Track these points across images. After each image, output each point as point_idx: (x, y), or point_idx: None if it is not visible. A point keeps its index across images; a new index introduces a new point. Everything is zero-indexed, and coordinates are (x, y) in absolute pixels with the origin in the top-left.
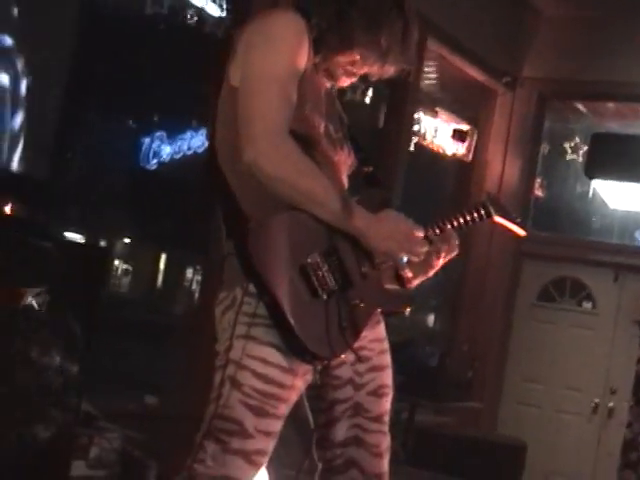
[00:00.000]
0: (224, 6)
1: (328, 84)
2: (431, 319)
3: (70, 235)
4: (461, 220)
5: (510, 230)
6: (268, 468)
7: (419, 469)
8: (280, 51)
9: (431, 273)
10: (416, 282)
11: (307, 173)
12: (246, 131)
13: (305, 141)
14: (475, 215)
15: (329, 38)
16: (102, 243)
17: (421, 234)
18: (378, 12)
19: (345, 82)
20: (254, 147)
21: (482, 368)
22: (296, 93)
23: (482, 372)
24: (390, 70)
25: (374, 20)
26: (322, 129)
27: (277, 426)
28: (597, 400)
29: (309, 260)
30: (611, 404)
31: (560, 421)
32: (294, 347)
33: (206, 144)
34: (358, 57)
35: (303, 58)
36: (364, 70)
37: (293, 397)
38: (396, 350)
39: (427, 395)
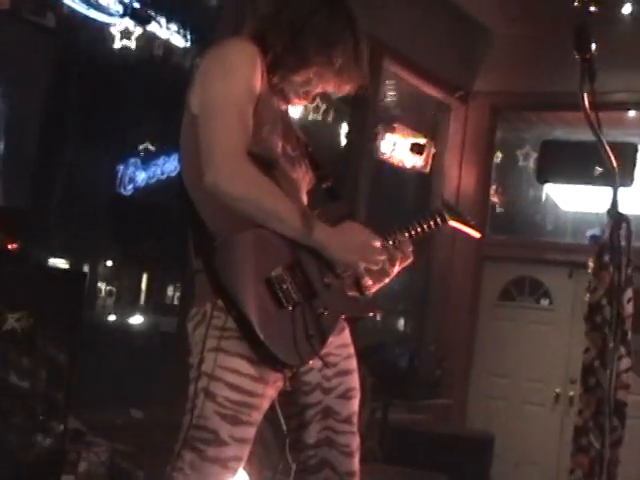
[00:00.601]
0: (188, 37)
1: (284, 106)
2: (401, 323)
3: (55, 261)
4: (418, 227)
5: (465, 233)
6: (249, 470)
7: (395, 466)
8: (235, 78)
9: (387, 280)
10: (374, 289)
11: (267, 192)
12: (207, 155)
13: (264, 161)
14: (431, 221)
15: (285, 59)
16: (85, 267)
17: (379, 243)
18: (331, 33)
19: (300, 103)
20: (215, 170)
21: (450, 366)
22: (252, 117)
23: (450, 370)
24: (345, 87)
25: (327, 40)
26: (280, 149)
27: (251, 433)
28: (558, 390)
29: (273, 274)
30: (571, 393)
31: (525, 412)
32: (264, 357)
33: (178, 168)
34: (313, 76)
35: (257, 83)
36: (319, 89)
37: (265, 404)
38: (368, 354)
39: (399, 395)
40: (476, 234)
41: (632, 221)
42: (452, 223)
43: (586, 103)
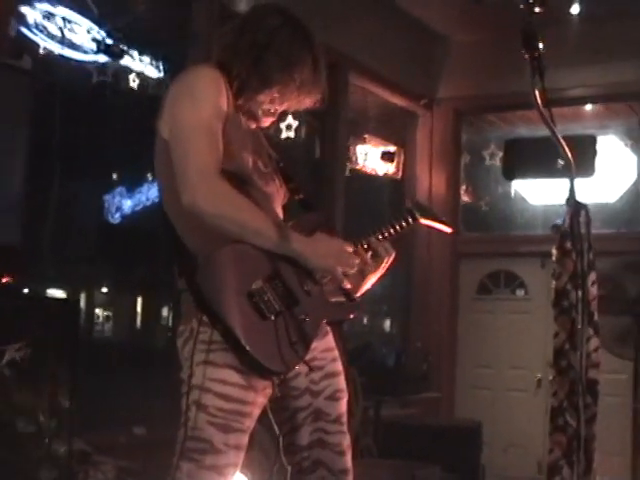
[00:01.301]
0: (161, 67)
1: (254, 126)
2: (387, 323)
3: (51, 292)
4: (391, 229)
5: (437, 229)
6: (250, 475)
7: (390, 460)
8: (202, 101)
9: (371, 282)
10: (359, 292)
11: (242, 207)
12: (181, 176)
13: (237, 178)
14: (403, 222)
15: (250, 82)
16: (82, 295)
17: (351, 248)
18: (291, 53)
19: (266, 122)
20: (190, 190)
21: (435, 361)
22: (222, 136)
23: (436, 364)
24: (306, 101)
25: (288, 60)
26: (251, 165)
27: (244, 440)
28: (539, 375)
29: (254, 287)
30: (551, 377)
31: (510, 398)
32: (251, 366)
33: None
34: (276, 94)
35: (224, 105)
36: (283, 107)
37: (256, 412)
38: (356, 355)
39: (389, 392)
40: (447, 229)
41: (595, 209)
42: (423, 221)
43: (538, 100)
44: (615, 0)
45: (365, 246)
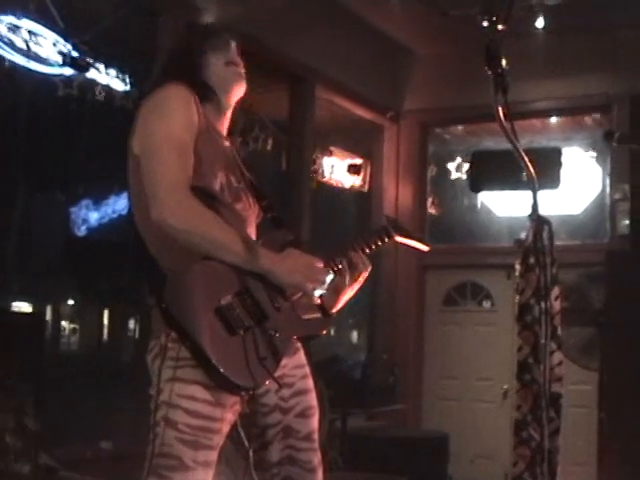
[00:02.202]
0: (127, 80)
1: (226, 143)
2: (353, 335)
3: (17, 305)
4: (365, 246)
5: (412, 247)
6: None
7: (357, 472)
8: (172, 119)
9: (346, 297)
10: (336, 308)
11: (210, 223)
12: (150, 192)
13: (207, 194)
14: (378, 239)
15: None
16: (48, 308)
17: (321, 264)
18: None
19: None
20: (159, 205)
21: (402, 373)
22: (193, 153)
23: (402, 376)
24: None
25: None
26: (223, 181)
27: (213, 456)
28: (506, 386)
29: (223, 302)
30: (515, 390)
31: (477, 409)
32: (219, 382)
33: (128, 206)
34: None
35: (194, 122)
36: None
37: (225, 428)
38: (323, 367)
39: (356, 404)
40: (424, 247)
41: (561, 221)
42: (398, 239)
43: (501, 116)
44: (579, 14)
45: (342, 262)
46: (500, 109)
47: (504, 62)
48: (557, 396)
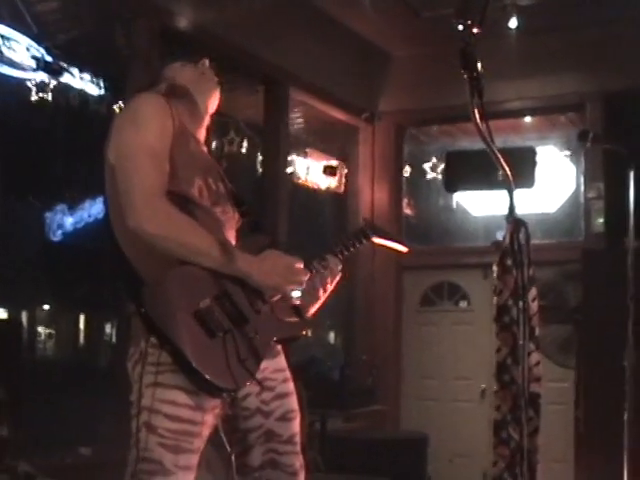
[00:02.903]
0: (101, 85)
1: (204, 148)
2: (331, 336)
3: None
4: (343, 248)
5: (391, 248)
6: None
7: (337, 474)
8: (146, 127)
9: (323, 299)
10: (312, 309)
11: (186, 228)
12: (126, 200)
13: (183, 200)
14: (356, 241)
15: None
16: (24, 314)
17: (300, 265)
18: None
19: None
20: (135, 212)
21: (380, 373)
22: (168, 160)
23: (381, 377)
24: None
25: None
26: (202, 186)
27: (194, 460)
28: (484, 385)
29: (202, 306)
30: (495, 390)
31: (455, 409)
32: (200, 385)
33: (104, 211)
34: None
35: (168, 129)
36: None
37: (206, 432)
38: (301, 369)
39: (335, 406)
40: (403, 248)
41: (536, 219)
42: (376, 240)
43: (477, 118)
44: (552, 14)
45: (319, 264)
46: (476, 111)
47: (479, 65)
48: (536, 396)
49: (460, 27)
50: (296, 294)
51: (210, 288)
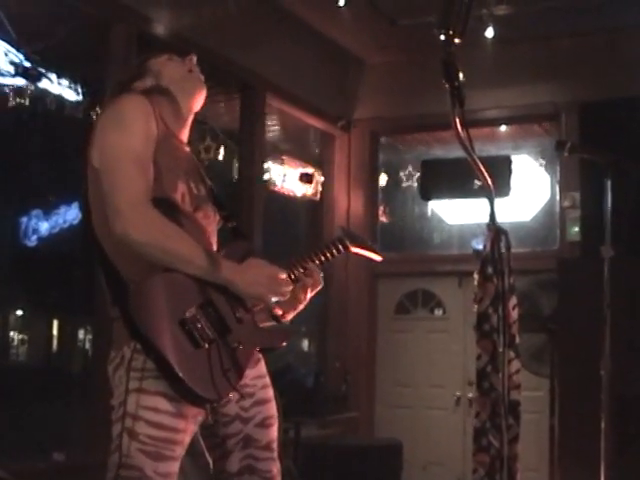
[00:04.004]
0: (79, 90)
1: (187, 149)
2: (305, 343)
3: None
4: (321, 256)
5: (367, 257)
6: None
7: None
8: (131, 130)
9: (301, 306)
10: (290, 316)
11: (172, 235)
12: (111, 205)
13: (167, 205)
14: (334, 250)
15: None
16: None
17: (284, 275)
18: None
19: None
20: (121, 219)
21: (354, 381)
22: (152, 164)
23: (355, 384)
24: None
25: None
26: (184, 190)
27: (175, 467)
28: (458, 393)
29: (187, 315)
30: (470, 395)
31: (429, 416)
32: (184, 394)
33: (80, 216)
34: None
35: (153, 132)
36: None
37: (187, 439)
38: (275, 376)
39: (309, 413)
40: (377, 257)
41: (511, 228)
42: (353, 249)
43: (459, 128)
44: (528, 24)
45: (299, 272)
46: (457, 120)
47: (461, 75)
48: (516, 404)
49: (442, 37)
50: (274, 300)
51: (195, 296)
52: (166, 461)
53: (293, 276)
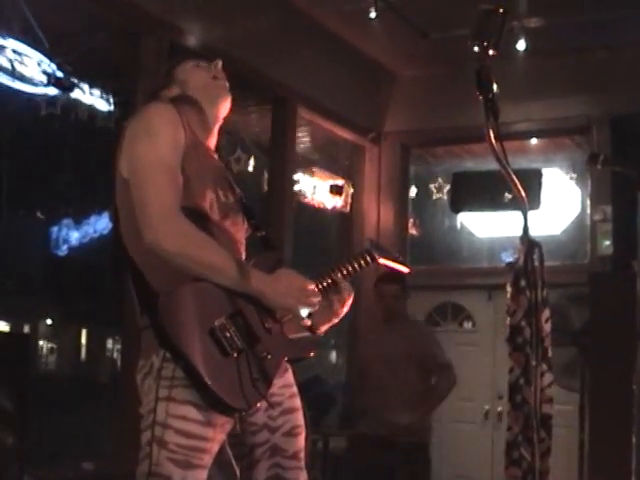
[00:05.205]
0: (111, 100)
1: (216, 157)
2: (333, 355)
3: None
4: (350, 268)
5: (395, 269)
6: None
7: None
8: (159, 139)
9: (336, 319)
10: (324, 328)
11: (203, 246)
12: (142, 216)
13: (197, 215)
14: (362, 261)
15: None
16: (26, 328)
17: (313, 287)
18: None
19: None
20: (152, 229)
21: None
22: (181, 174)
23: None
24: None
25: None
26: (213, 198)
27: (203, 475)
28: (487, 407)
29: (216, 324)
30: (500, 408)
31: (458, 430)
32: (213, 403)
33: (110, 226)
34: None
35: (181, 141)
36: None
37: (215, 447)
38: (304, 388)
39: (337, 424)
40: (405, 269)
41: (541, 241)
42: (382, 261)
43: (492, 140)
44: (560, 36)
45: (328, 284)
46: (491, 132)
47: (495, 87)
48: (548, 417)
49: (476, 48)
50: (305, 313)
51: (225, 306)
52: (195, 469)
53: (321, 286)
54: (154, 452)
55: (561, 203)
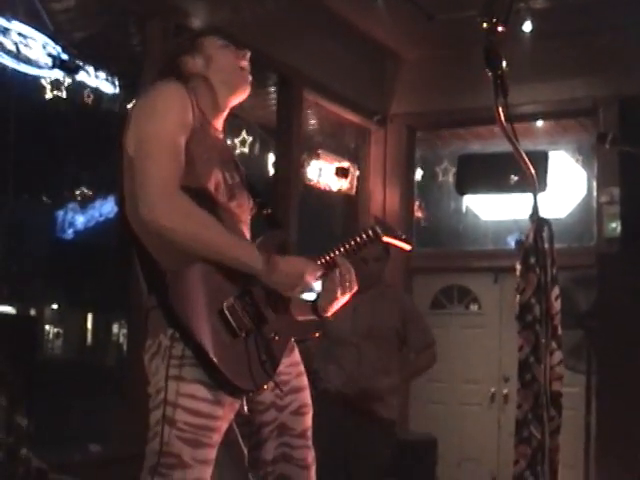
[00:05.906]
0: (116, 83)
1: (221, 137)
2: None
3: (2, 308)
4: (354, 244)
5: (398, 246)
6: None
7: None
8: (166, 117)
9: (342, 298)
10: (330, 310)
11: (203, 224)
12: (141, 192)
13: (199, 194)
14: (366, 238)
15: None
16: (32, 312)
17: (313, 267)
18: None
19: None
20: (149, 205)
21: None
22: (186, 152)
23: None
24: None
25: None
26: (219, 179)
27: (212, 454)
28: (493, 389)
29: (225, 304)
30: (505, 391)
31: (464, 412)
32: (221, 383)
33: (115, 209)
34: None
35: (188, 120)
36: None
37: (224, 426)
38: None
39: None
40: (407, 246)
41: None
42: (385, 238)
43: (502, 117)
44: (566, 18)
45: (329, 262)
46: (501, 110)
47: (504, 63)
48: (558, 395)
49: (485, 25)
50: (310, 294)
51: (232, 286)
52: (203, 448)
53: (323, 261)
54: (162, 430)
55: (567, 186)
